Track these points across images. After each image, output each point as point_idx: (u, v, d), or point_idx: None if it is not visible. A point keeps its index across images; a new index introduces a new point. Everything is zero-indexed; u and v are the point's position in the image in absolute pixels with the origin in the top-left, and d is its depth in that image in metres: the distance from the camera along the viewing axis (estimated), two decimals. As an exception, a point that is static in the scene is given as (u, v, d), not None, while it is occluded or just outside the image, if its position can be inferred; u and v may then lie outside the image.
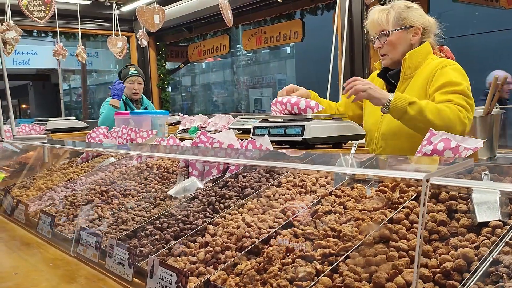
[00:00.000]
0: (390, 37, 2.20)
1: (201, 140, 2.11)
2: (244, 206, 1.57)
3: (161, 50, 8.72)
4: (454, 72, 2.08)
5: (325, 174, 1.69)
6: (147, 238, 1.55)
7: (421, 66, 2.21)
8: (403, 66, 2.21)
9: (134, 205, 1.87)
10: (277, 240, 1.26)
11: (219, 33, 8.06)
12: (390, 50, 2.23)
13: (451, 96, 2.00)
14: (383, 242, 1.12)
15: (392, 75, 2.29)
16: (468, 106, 2.00)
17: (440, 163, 1.03)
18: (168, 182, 2.04)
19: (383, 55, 2.27)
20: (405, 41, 2.22)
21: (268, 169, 1.77)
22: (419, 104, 1.95)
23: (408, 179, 1.07)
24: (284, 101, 2.16)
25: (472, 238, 1.05)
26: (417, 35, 2.23)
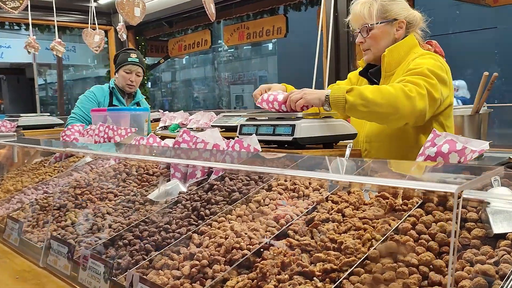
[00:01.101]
0: (373, 31, 2.10)
1: (184, 139, 1.97)
2: (232, 213, 1.45)
3: (140, 45, 8.50)
4: (421, 59, 1.98)
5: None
6: (126, 248, 1.41)
7: (403, 61, 2.10)
8: (382, 63, 2.12)
9: (111, 210, 1.72)
10: (271, 253, 1.14)
11: (200, 28, 7.89)
12: (372, 45, 2.12)
13: (405, 76, 1.90)
14: (390, 256, 1.02)
15: (373, 72, 2.19)
16: (420, 83, 1.85)
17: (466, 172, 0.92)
18: (148, 184, 1.90)
19: (366, 49, 2.17)
20: (389, 35, 2.12)
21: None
22: (357, 88, 1.85)
23: (436, 192, 0.96)
24: (270, 99, 2.04)
25: (490, 252, 0.95)
26: (401, 29, 2.12)
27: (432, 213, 1.12)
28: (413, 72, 1.91)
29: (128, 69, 3.81)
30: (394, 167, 1.23)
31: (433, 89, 1.87)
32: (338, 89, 1.87)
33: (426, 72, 1.89)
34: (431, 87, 1.87)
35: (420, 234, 1.06)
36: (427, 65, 1.93)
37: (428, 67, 1.91)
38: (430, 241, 1.03)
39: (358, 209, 1.29)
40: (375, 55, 2.15)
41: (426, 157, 1.30)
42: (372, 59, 2.18)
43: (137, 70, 3.84)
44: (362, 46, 2.16)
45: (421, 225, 1.08)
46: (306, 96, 1.89)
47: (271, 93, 2.07)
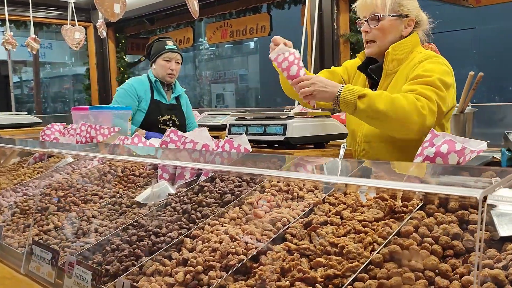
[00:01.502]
0: (383, 22, 2.00)
1: (171, 139, 1.91)
2: (225, 215, 1.40)
3: (121, 42, 8.33)
4: (431, 64, 1.92)
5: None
6: (114, 254, 1.34)
7: (405, 60, 2.04)
8: (385, 61, 2.04)
9: (96, 213, 1.65)
10: (269, 258, 1.09)
11: (182, 26, 7.78)
12: (379, 37, 2.03)
13: (416, 86, 1.84)
14: (394, 260, 0.98)
15: (374, 69, 2.10)
16: (432, 97, 1.81)
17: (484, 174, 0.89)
18: (134, 186, 1.83)
19: (370, 41, 2.06)
20: (397, 31, 2.04)
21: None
22: (370, 95, 1.80)
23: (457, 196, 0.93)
24: (284, 65, 1.90)
25: (497, 256, 0.92)
26: (410, 27, 2.06)
27: (434, 215, 1.10)
28: (424, 82, 1.85)
29: (167, 57, 3.48)
30: (403, 169, 1.20)
31: (442, 103, 1.85)
32: (351, 92, 1.81)
33: (437, 83, 1.85)
34: (441, 101, 1.84)
35: (423, 237, 1.03)
36: (438, 73, 1.88)
37: (439, 76, 1.87)
38: (434, 244, 1.01)
39: (356, 211, 1.26)
40: (380, 49, 2.05)
41: (425, 157, 1.27)
42: (376, 53, 2.08)
43: (176, 58, 3.53)
44: (367, 36, 2.06)
45: (423, 228, 1.06)
46: (316, 94, 1.83)
47: (288, 58, 1.91)
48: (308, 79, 1.84)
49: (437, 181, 0.91)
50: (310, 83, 1.83)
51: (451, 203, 1.11)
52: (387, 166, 1.27)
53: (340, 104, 1.81)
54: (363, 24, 2.06)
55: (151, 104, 3.46)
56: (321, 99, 1.88)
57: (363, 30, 2.05)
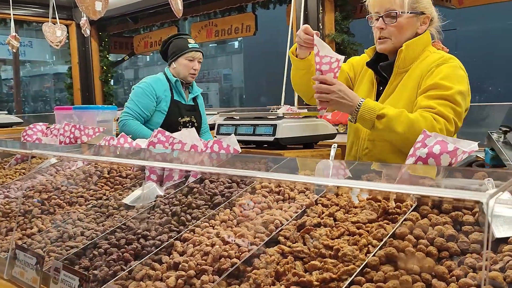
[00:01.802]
0: (400, 19, 1.89)
1: (159, 140, 1.87)
2: (216, 218, 1.37)
3: (104, 41, 8.22)
4: (449, 73, 1.84)
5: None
6: (101, 258, 1.31)
7: (417, 59, 1.95)
8: (398, 59, 1.94)
9: (82, 216, 1.61)
10: (262, 261, 1.07)
11: (166, 25, 7.71)
12: (395, 34, 1.92)
13: (434, 102, 1.77)
14: (390, 263, 0.97)
15: (384, 67, 2.00)
16: (450, 116, 1.76)
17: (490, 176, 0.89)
18: (121, 187, 1.79)
19: (384, 38, 1.94)
20: (413, 28, 1.94)
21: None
22: (389, 116, 1.74)
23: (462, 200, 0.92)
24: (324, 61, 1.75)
25: (493, 257, 0.92)
26: (425, 25, 1.96)
27: (428, 217, 1.09)
28: (443, 96, 1.78)
29: (191, 56, 3.27)
30: (394, 171, 1.19)
31: (458, 119, 1.80)
32: (370, 111, 1.76)
33: (456, 98, 1.79)
34: (458, 118, 1.79)
35: (418, 239, 1.03)
36: (457, 83, 1.81)
37: (459, 88, 1.80)
38: (429, 246, 1.00)
39: (348, 213, 1.24)
40: (394, 46, 1.95)
41: (417, 158, 1.27)
42: (389, 50, 1.98)
43: (199, 57, 3.33)
44: (382, 33, 1.94)
45: (418, 230, 1.05)
46: (333, 103, 1.77)
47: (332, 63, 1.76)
48: (331, 84, 1.76)
49: (443, 185, 0.90)
50: (330, 90, 1.76)
51: (444, 204, 1.11)
52: (385, 167, 1.27)
53: (357, 119, 1.77)
54: (374, 20, 1.95)
55: (171, 105, 3.25)
56: (337, 109, 1.84)
57: (378, 27, 1.94)
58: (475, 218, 1.06)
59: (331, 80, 1.76)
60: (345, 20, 4.92)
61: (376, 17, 1.94)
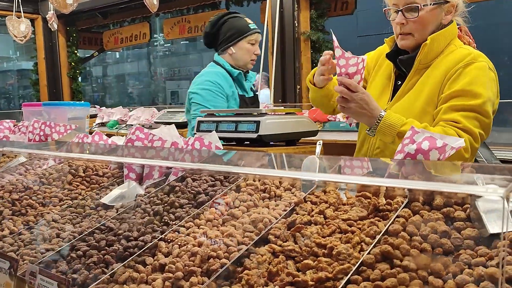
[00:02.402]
0: (422, 13, 1.71)
1: (138, 137, 1.80)
2: (201, 217, 1.33)
3: (72, 36, 7.97)
4: (477, 76, 1.67)
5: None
6: (80, 261, 1.24)
7: (441, 54, 1.78)
8: (421, 53, 1.77)
9: (57, 217, 1.53)
10: (253, 261, 1.04)
11: (138, 21, 7.55)
12: (418, 29, 1.75)
13: (459, 115, 1.62)
14: (386, 261, 0.96)
15: (403, 61, 1.83)
16: (477, 131, 1.62)
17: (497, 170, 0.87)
18: (98, 187, 1.72)
19: (406, 33, 1.77)
20: (437, 20, 1.77)
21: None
22: None
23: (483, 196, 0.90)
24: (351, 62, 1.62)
25: (489, 254, 0.91)
26: (450, 14, 1.78)
27: (420, 213, 1.08)
28: (471, 107, 1.64)
29: (254, 39, 2.75)
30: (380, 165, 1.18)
31: (486, 132, 1.67)
32: (390, 127, 1.63)
33: (485, 109, 1.65)
34: (485, 131, 1.66)
35: (412, 236, 1.02)
36: (488, 90, 1.67)
37: (489, 95, 1.67)
38: (423, 243, 0.99)
39: (338, 210, 1.22)
40: (417, 42, 1.78)
41: (406, 154, 1.26)
42: (412, 47, 1.81)
43: (259, 40, 2.84)
44: (402, 29, 1.77)
45: (411, 226, 1.04)
46: (351, 112, 1.65)
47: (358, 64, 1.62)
48: (354, 91, 1.62)
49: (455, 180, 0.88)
50: (352, 98, 1.63)
51: (436, 200, 1.10)
52: (377, 162, 1.25)
53: (376, 133, 1.67)
54: (392, 13, 1.79)
55: (240, 102, 2.76)
56: (355, 118, 1.73)
57: (397, 22, 1.76)
58: (466, 214, 1.06)
59: (355, 87, 1.62)
60: (320, 18, 4.93)
61: (395, 10, 1.76)
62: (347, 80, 1.61)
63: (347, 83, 1.61)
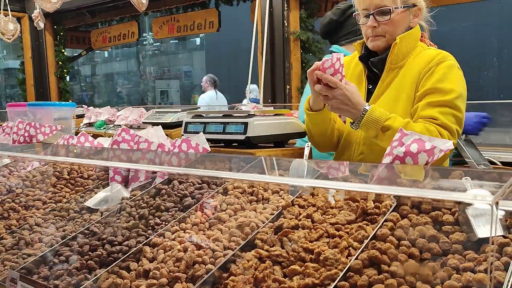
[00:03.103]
0: (394, 15, 1.77)
1: (123, 138, 1.77)
2: (187, 221, 1.31)
3: (59, 35, 7.87)
4: (448, 73, 1.74)
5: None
6: (63, 266, 1.21)
7: (410, 55, 1.84)
8: (391, 53, 1.81)
9: (40, 221, 1.50)
10: (239, 267, 1.02)
11: (126, 19, 7.48)
12: (388, 31, 1.80)
13: (436, 111, 1.68)
14: (373, 266, 0.94)
15: (375, 63, 1.87)
16: (453, 127, 1.68)
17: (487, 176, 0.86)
18: (83, 189, 1.69)
19: (378, 35, 1.82)
20: (406, 23, 1.83)
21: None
22: (395, 128, 1.59)
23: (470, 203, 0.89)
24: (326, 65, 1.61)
25: (478, 258, 0.90)
26: (417, 17, 1.85)
27: (408, 217, 1.07)
28: (445, 103, 1.69)
29: None
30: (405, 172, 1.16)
31: (460, 127, 1.73)
32: (375, 122, 1.64)
33: (457, 103, 1.71)
34: (459, 126, 1.72)
35: (400, 240, 1.00)
36: (459, 86, 1.73)
37: (460, 91, 1.73)
38: (411, 247, 0.98)
39: (326, 214, 1.21)
40: (388, 43, 1.84)
41: (394, 157, 1.25)
42: (382, 48, 1.86)
43: None
44: (374, 31, 1.81)
45: (399, 231, 1.03)
46: (334, 105, 1.65)
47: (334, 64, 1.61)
48: (336, 86, 1.62)
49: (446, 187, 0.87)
50: (332, 94, 1.63)
51: (424, 204, 1.09)
52: (366, 166, 1.24)
53: (360, 127, 1.67)
54: (362, 17, 1.83)
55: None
56: (338, 112, 1.73)
57: (369, 25, 1.80)
58: (454, 217, 1.05)
59: (334, 82, 1.62)
60: (310, 18, 4.92)
61: (365, 15, 1.81)
62: (326, 76, 1.61)
63: (327, 79, 1.62)
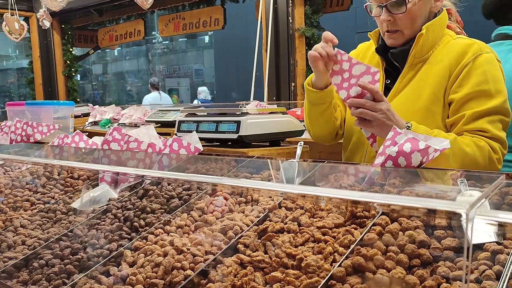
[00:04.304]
0: (410, 6, 1.52)
1: (114, 138, 1.74)
2: (171, 223, 1.26)
3: (67, 34, 7.90)
4: (490, 71, 1.51)
5: (267, 179, 1.43)
6: (42, 271, 1.17)
7: (437, 45, 1.60)
8: (415, 45, 1.58)
9: (26, 222, 1.46)
10: (218, 273, 0.97)
11: (133, 18, 7.48)
12: (408, 25, 1.56)
13: (485, 121, 1.47)
14: (357, 273, 0.89)
15: (395, 54, 1.63)
16: (503, 136, 1.50)
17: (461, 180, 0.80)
18: (72, 190, 1.65)
19: (394, 31, 1.58)
20: (426, 10, 1.58)
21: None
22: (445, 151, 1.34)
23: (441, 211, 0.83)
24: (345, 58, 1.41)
25: (469, 267, 0.84)
26: (439, 1, 1.60)
27: (398, 221, 1.01)
28: (494, 110, 1.49)
29: None
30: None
31: (508, 133, 1.55)
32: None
33: (506, 108, 1.51)
34: (508, 132, 1.54)
35: (388, 245, 0.95)
36: (501, 83, 1.52)
37: (505, 91, 1.53)
38: (399, 253, 0.92)
39: (314, 216, 1.15)
40: (408, 38, 1.60)
41: (387, 157, 1.19)
42: (401, 44, 1.62)
43: None
44: (390, 26, 1.58)
45: (388, 235, 0.97)
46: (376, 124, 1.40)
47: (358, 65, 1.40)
48: (379, 101, 1.39)
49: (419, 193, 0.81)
50: (377, 109, 1.39)
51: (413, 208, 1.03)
52: (356, 169, 1.18)
53: None
54: (375, 8, 1.59)
55: None
56: (377, 131, 1.45)
57: (384, 20, 1.56)
58: (447, 221, 0.99)
59: (381, 95, 1.39)
60: (315, 14, 4.85)
61: (377, 5, 1.57)
62: (372, 87, 1.37)
63: (372, 90, 1.38)
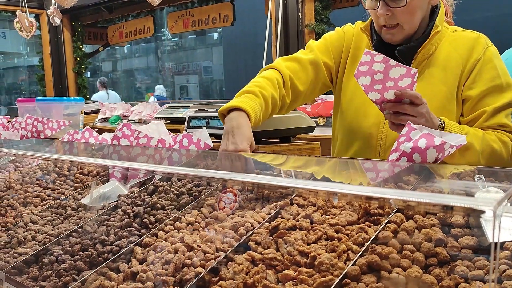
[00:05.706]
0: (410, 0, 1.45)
1: (123, 134, 1.73)
2: (182, 220, 1.25)
3: (77, 31, 7.93)
4: (499, 63, 1.51)
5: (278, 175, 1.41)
6: (52, 267, 1.17)
7: (441, 39, 1.58)
8: (428, 42, 1.53)
9: (36, 218, 1.46)
10: (230, 270, 0.95)
11: (142, 15, 7.48)
12: (407, 20, 1.48)
13: (503, 115, 1.48)
14: (372, 272, 0.87)
15: (403, 52, 1.55)
16: None
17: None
18: (83, 186, 1.65)
19: (393, 26, 1.50)
20: (425, 4, 1.52)
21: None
22: (475, 148, 1.39)
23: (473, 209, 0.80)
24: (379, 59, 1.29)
25: (488, 266, 0.82)
26: None
27: (414, 218, 0.99)
28: (510, 104, 1.50)
29: None
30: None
31: None
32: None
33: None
34: None
35: (403, 243, 0.92)
36: (509, 76, 1.54)
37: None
38: (415, 252, 0.90)
39: (327, 213, 1.13)
40: (407, 34, 1.53)
41: (401, 153, 1.16)
42: (401, 40, 1.55)
43: None
44: (388, 20, 1.49)
45: (403, 233, 0.94)
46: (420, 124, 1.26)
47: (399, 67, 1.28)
48: (422, 101, 1.31)
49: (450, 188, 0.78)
50: (419, 113, 1.31)
51: (429, 205, 1.00)
52: (369, 165, 1.16)
53: None
54: (368, 1, 1.53)
55: None
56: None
57: (381, 14, 1.48)
58: (464, 219, 0.96)
59: (421, 99, 1.31)
60: (325, 10, 4.80)
61: (373, 1, 1.50)
62: (411, 93, 1.28)
63: (412, 96, 1.29)
